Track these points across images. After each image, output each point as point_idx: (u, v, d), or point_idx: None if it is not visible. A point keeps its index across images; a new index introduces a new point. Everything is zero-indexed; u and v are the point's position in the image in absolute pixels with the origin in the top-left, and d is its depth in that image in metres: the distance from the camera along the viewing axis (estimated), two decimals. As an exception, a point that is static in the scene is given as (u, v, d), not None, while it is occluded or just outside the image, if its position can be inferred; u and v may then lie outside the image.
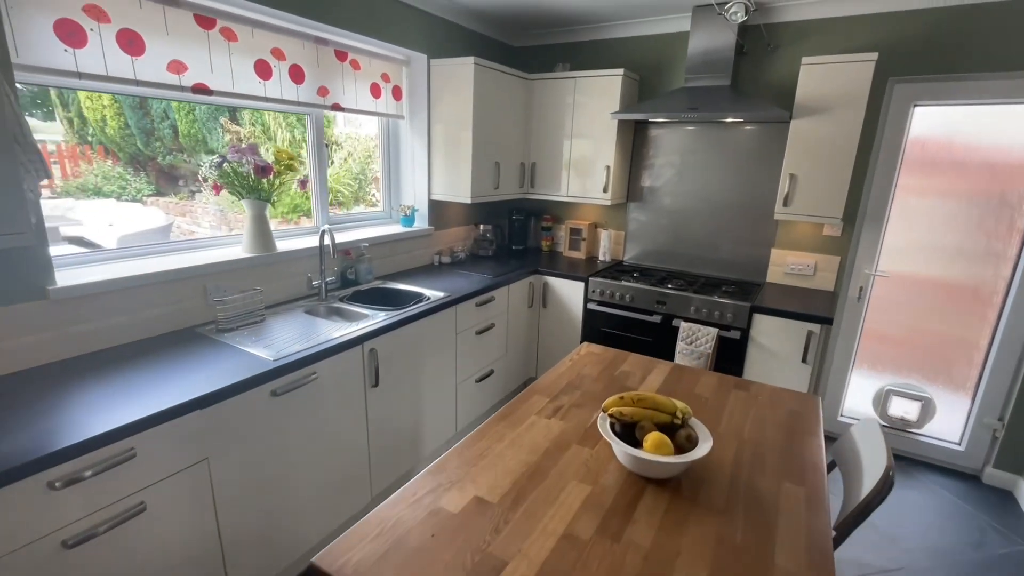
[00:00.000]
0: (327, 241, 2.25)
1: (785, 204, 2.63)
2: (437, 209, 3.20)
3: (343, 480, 1.98)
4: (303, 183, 2.40)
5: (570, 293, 3.11)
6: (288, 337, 1.88)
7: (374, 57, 2.73)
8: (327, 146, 2.64)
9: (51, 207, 1.82)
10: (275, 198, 2.21)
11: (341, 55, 2.54)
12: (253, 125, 2.97)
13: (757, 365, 2.60)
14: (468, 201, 2.97)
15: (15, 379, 1.46)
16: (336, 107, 2.57)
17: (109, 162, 2.06)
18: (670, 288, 2.81)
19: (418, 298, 2.45)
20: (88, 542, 1.22)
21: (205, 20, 1.97)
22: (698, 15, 2.73)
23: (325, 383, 1.82)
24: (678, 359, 2.68)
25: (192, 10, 1.92)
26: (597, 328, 3.04)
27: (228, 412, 1.51)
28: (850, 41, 2.60)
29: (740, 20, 2.21)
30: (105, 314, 1.70)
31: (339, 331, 1.95)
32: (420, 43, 2.84)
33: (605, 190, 3.13)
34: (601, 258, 3.46)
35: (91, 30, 1.67)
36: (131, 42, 1.77)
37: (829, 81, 2.42)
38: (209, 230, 2.36)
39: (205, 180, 2.09)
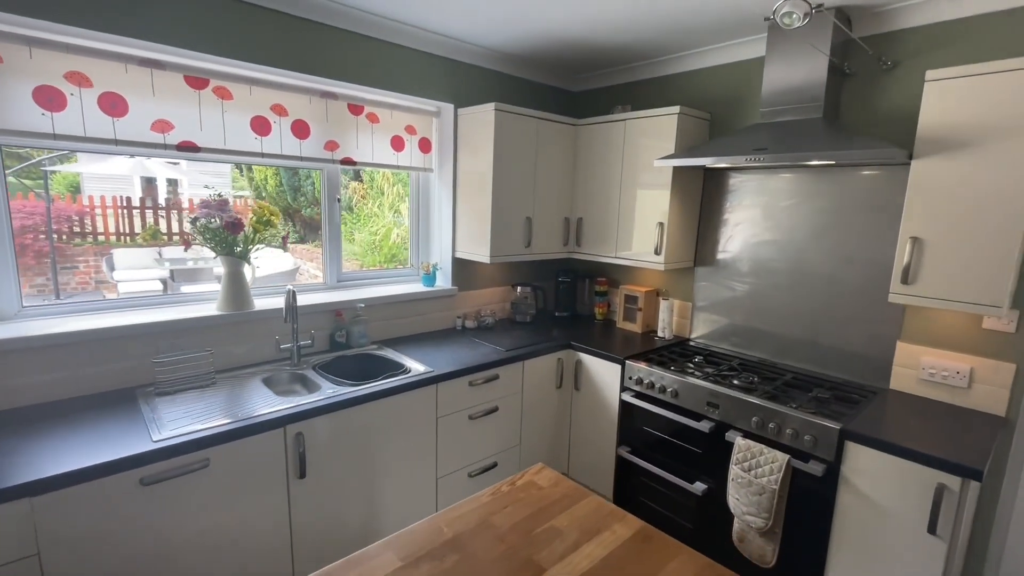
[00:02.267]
0: (294, 302, 2.06)
1: (905, 281, 1.78)
2: (465, 268, 2.90)
3: (253, 587, 1.67)
4: (284, 239, 2.28)
5: (605, 376, 2.52)
6: (206, 409, 1.68)
7: (396, 109, 2.60)
8: (338, 200, 2.54)
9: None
10: (253, 255, 2.11)
11: (355, 109, 2.45)
12: (366, 183, 3.19)
13: (853, 522, 1.72)
14: (487, 260, 2.62)
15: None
16: (347, 161, 2.46)
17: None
18: (730, 385, 2.07)
19: (399, 371, 2.13)
20: None
21: (197, 81, 1.99)
22: (774, 34, 2.11)
23: (221, 471, 1.56)
24: (731, 491, 1.92)
25: (182, 71, 1.95)
26: (636, 426, 2.38)
27: (75, 501, 1.31)
28: (1009, 43, 1.74)
29: (797, 26, 1.57)
30: (43, 369, 1.68)
31: (270, 408, 1.70)
32: (448, 93, 2.65)
33: (657, 252, 2.53)
34: (660, 334, 2.79)
35: (71, 95, 1.74)
36: (114, 105, 1.82)
37: (974, 101, 1.61)
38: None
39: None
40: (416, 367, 2.15)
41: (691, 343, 2.74)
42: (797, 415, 1.83)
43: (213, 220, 1.96)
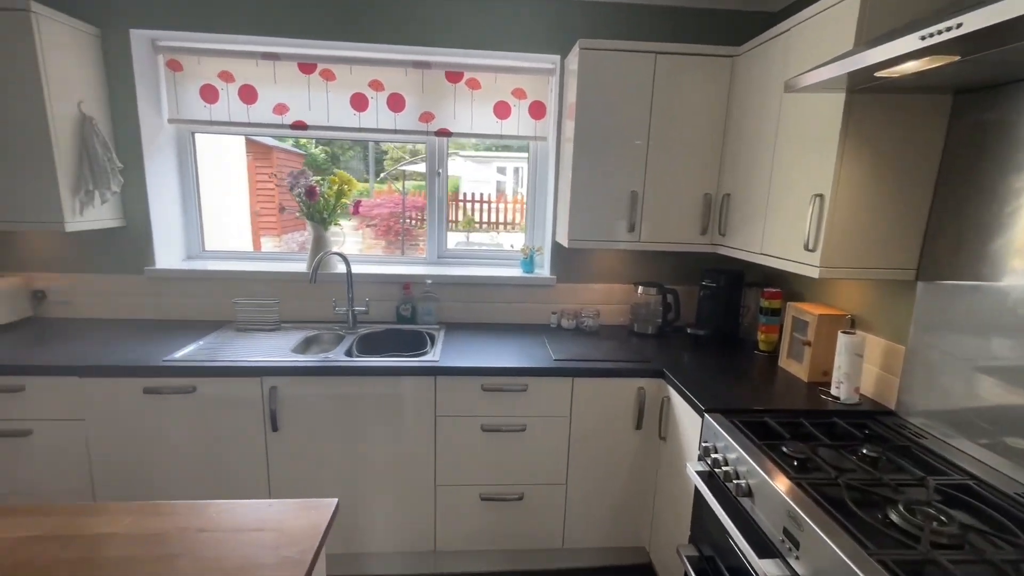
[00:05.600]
0: (352, 270, 2.14)
1: None
2: (571, 256, 2.40)
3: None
4: (356, 206, 2.36)
5: (687, 428, 1.66)
6: (251, 348, 1.93)
7: (501, 72, 2.34)
8: (438, 174, 2.48)
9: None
10: (332, 221, 2.29)
11: (454, 76, 2.33)
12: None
13: None
14: (565, 244, 2.09)
15: (114, 323, 2.19)
16: (443, 132, 2.38)
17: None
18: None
19: (417, 352, 1.95)
20: None
21: (306, 67, 2.27)
22: None
23: (206, 400, 1.76)
24: None
25: (295, 60, 2.26)
26: (707, 517, 1.48)
27: (101, 389, 1.72)
28: None
29: None
30: (176, 296, 2.28)
31: (253, 357, 1.83)
32: (566, 44, 2.20)
33: (810, 247, 1.47)
34: (834, 391, 1.64)
35: (221, 89, 2.27)
36: (248, 94, 2.28)
37: None
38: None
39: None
40: (433, 356, 1.92)
41: (889, 418, 1.50)
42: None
43: (296, 187, 2.22)
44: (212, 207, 2.55)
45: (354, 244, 2.80)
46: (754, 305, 2.19)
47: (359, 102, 2.32)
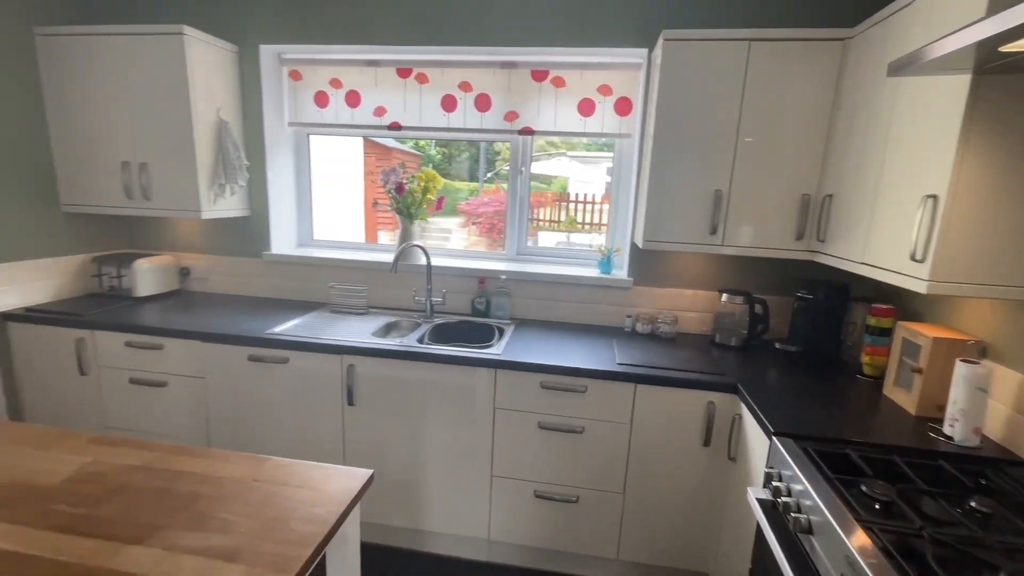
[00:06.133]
0: (428, 262, 2.27)
1: None
2: (651, 258, 2.30)
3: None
4: (439, 202, 2.46)
5: (756, 451, 1.52)
6: (338, 329, 2.15)
7: (588, 68, 2.31)
8: (521, 172, 2.52)
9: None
10: (418, 215, 2.44)
11: (539, 75, 2.35)
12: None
13: None
14: (640, 245, 2.00)
15: (237, 298, 2.55)
16: (526, 131, 2.42)
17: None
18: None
19: (483, 344, 2.02)
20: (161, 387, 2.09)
21: (403, 71, 2.45)
22: None
23: (296, 371, 1.98)
24: None
25: (394, 65, 2.44)
26: (767, 550, 1.35)
27: (217, 353, 2.02)
28: None
29: None
30: (286, 278, 2.58)
31: (355, 339, 2.01)
32: (653, 36, 2.12)
33: (918, 257, 1.26)
34: (947, 429, 1.39)
35: (331, 95, 2.52)
36: (353, 98, 2.51)
37: None
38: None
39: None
40: (497, 349, 1.96)
41: (1017, 470, 1.23)
42: None
43: (388, 183, 2.40)
44: (328, 201, 2.85)
45: (460, 241, 2.96)
46: (862, 322, 1.92)
47: (449, 103, 2.43)
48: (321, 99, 2.53)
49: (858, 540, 0.95)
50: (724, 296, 2.15)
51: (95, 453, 1.14)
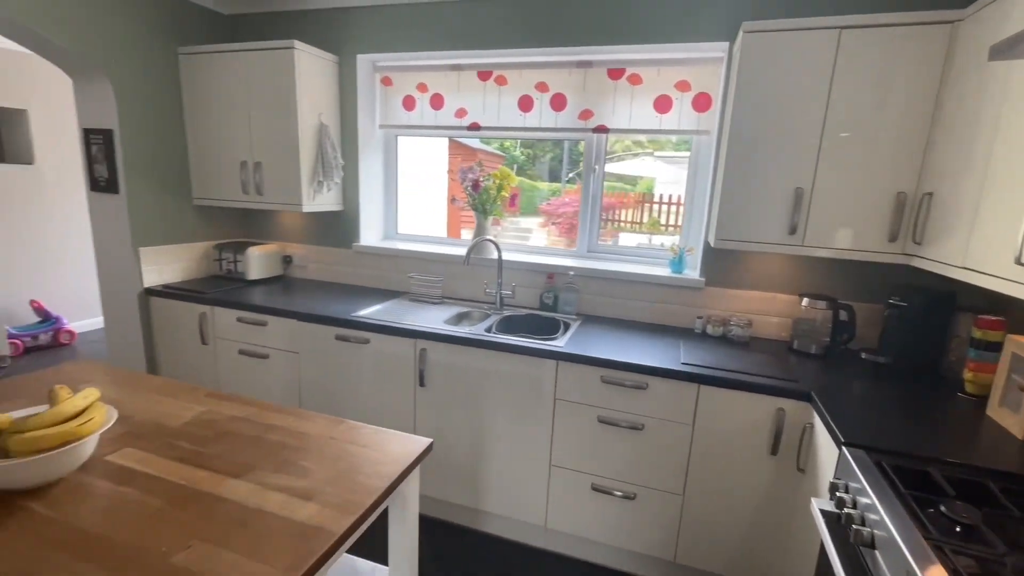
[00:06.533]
0: (500, 256, 2.37)
1: None
2: (725, 258, 2.22)
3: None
4: (512, 199, 2.53)
5: (826, 460, 1.44)
6: (415, 315, 2.33)
7: (665, 65, 2.29)
8: (594, 170, 2.55)
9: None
10: (492, 211, 2.55)
11: (615, 73, 2.37)
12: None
13: None
14: (712, 244, 1.95)
15: (329, 284, 2.82)
16: (600, 129, 2.44)
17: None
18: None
19: (549, 336, 2.08)
20: (256, 357, 2.40)
21: (483, 74, 2.57)
22: None
23: (376, 351, 2.16)
24: None
25: (475, 68, 2.57)
26: (828, 565, 1.28)
27: (309, 331, 2.26)
28: None
29: None
30: (372, 267, 2.81)
31: (429, 325, 2.16)
32: (736, 27, 2.06)
33: (1022, 260, 1.13)
34: (1060, 456, 1.23)
35: (418, 99, 2.71)
36: (437, 101, 2.68)
37: None
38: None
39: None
40: (560, 342, 2.01)
41: None
42: None
43: (465, 180, 2.53)
44: (415, 198, 3.07)
45: (539, 240, 3.04)
46: (967, 335, 1.73)
47: (526, 103, 2.52)
48: (408, 102, 2.72)
49: (923, 559, 0.89)
50: (805, 300, 2.03)
51: (209, 404, 1.36)
